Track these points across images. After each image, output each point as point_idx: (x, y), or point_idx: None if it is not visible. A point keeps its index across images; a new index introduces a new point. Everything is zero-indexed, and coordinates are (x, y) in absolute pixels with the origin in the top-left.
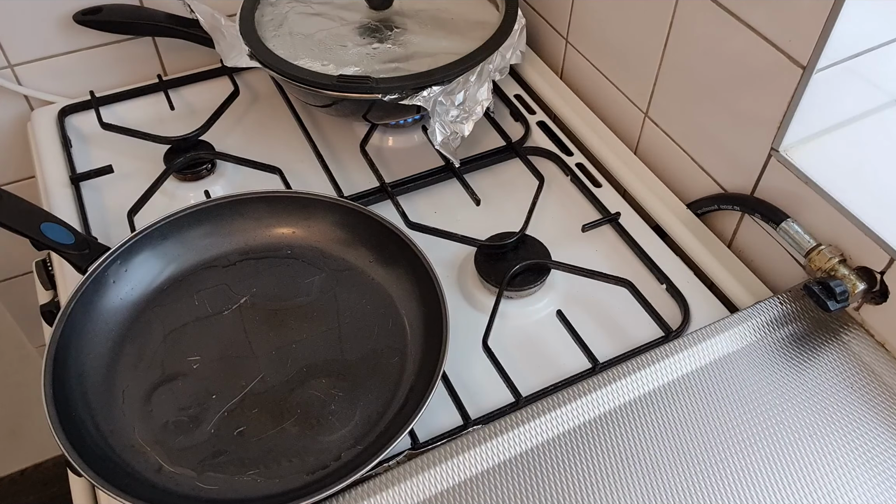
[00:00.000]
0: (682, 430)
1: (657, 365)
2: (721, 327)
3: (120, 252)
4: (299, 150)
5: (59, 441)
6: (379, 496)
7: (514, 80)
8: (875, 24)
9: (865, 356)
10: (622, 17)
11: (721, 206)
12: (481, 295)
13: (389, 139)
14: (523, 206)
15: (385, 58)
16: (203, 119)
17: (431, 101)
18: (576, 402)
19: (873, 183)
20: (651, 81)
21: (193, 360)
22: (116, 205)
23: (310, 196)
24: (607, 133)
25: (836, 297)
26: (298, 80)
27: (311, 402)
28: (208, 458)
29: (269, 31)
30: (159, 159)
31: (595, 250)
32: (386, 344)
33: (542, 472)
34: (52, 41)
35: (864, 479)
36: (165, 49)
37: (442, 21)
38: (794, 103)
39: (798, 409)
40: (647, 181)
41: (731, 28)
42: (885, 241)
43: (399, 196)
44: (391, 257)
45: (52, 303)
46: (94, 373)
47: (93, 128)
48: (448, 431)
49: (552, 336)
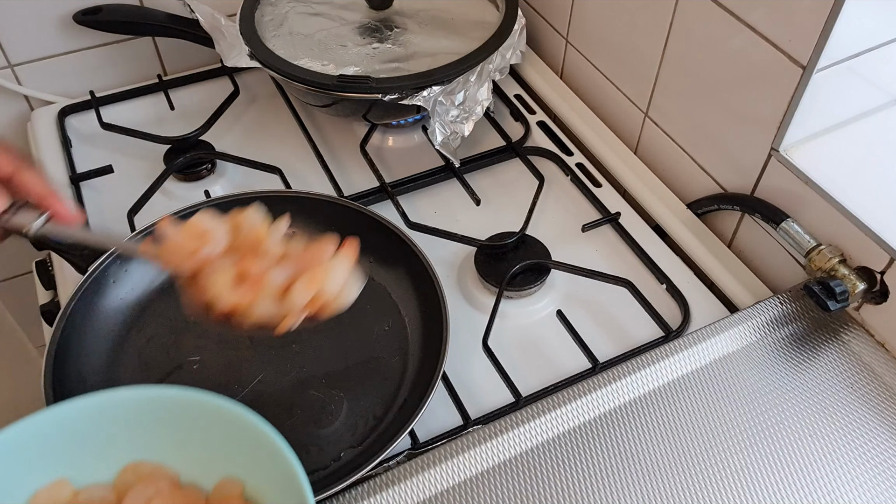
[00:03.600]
0: (682, 430)
1: (657, 365)
2: (721, 327)
3: (120, 252)
4: (299, 150)
5: None
6: (379, 496)
7: (514, 80)
8: (875, 24)
9: (865, 356)
10: (622, 17)
11: (721, 206)
12: (481, 295)
13: (389, 139)
14: (523, 206)
15: (385, 58)
16: (203, 119)
17: (431, 101)
18: (576, 402)
19: (873, 183)
20: (651, 81)
21: (193, 361)
22: (116, 205)
23: (310, 196)
24: (607, 133)
25: (836, 297)
26: (298, 80)
27: (310, 402)
28: None
29: (269, 31)
30: (159, 159)
31: (595, 250)
32: (386, 344)
33: (542, 472)
34: (52, 41)
35: (864, 479)
36: (165, 49)
37: (442, 21)
38: (794, 103)
39: (798, 409)
40: (647, 181)
41: (731, 28)
42: (885, 241)
43: (399, 196)
44: (391, 257)
45: (52, 303)
46: (94, 373)
47: (93, 128)
48: (448, 431)
49: (552, 336)
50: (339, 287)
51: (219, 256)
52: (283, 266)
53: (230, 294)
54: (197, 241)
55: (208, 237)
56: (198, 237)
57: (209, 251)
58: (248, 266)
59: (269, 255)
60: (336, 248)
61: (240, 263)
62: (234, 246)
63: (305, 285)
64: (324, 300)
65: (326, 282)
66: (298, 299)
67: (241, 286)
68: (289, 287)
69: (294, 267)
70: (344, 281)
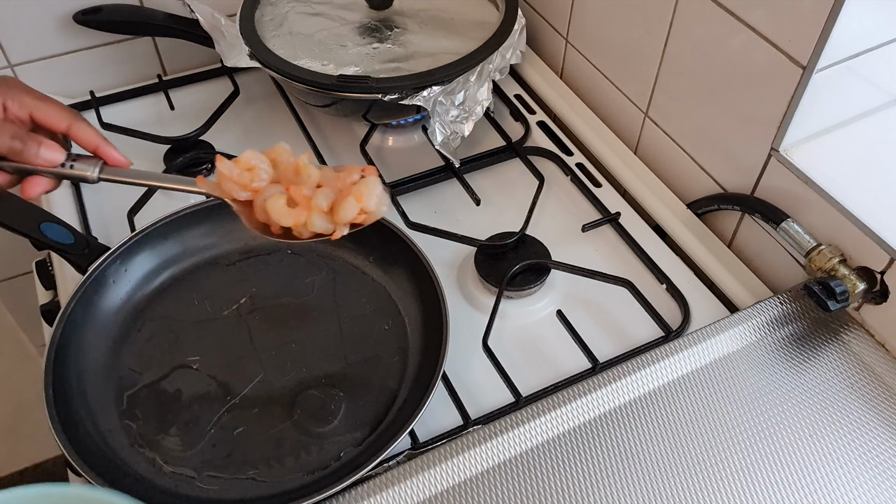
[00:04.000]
0: (682, 430)
1: (657, 365)
2: (721, 327)
3: (120, 252)
4: (299, 150)
5: (59, 441)
6: (379, 496)
7: (514, 80)
8: (875, 24)
9: (865, 356)
10: (622, 17)
11: (721, 206)
12: (481, 295)
13: (389, 139)
14: (523, 206)
15: (385, 58)
16: (203, 119)
17: (431, 101)
18: (576, 402)
19: (873, 183)
20: (651, 81)
21: (193, 360)
22: (116, 205)
23: None
24: (607, 133)
25: (837, 297)
26: (298, 79)
27: (310, 402)
28: (208, 459)
29: (269, 31)
30: (159, 159)
31: (595, 250)
32: (386, 344)
33: (542, 472)
34: (52, 41)
35: (864, 479)
36: (165, 49)
37: (442, 21)
38: (794, 103)
39: (798, 409)
40: (647, 181)
41: (731, 28)
42: (885, 241)
43: (399, 196)
44: (391, 257)
45: (52, 303)
46: (94, 373)
47: None
48: (448, 431)
49: (552, 336)
50: (376, 201)
51: (268, 185)
52: (323, 190)
53: (288, 216)
54: (249, 174)
55: (257, 170)
56: (248, 170)
57: (260, 182)
58: (296, 192)
59: (309, 182)
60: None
61: (288, 190)
62: (277, 177)
63: (353, 201)
64: (367, 212)
65: (366, 197)
66: (348, 213)
67: (294, 208)
68: (333, 206)
69: (333, 189)
70: (378, 196)
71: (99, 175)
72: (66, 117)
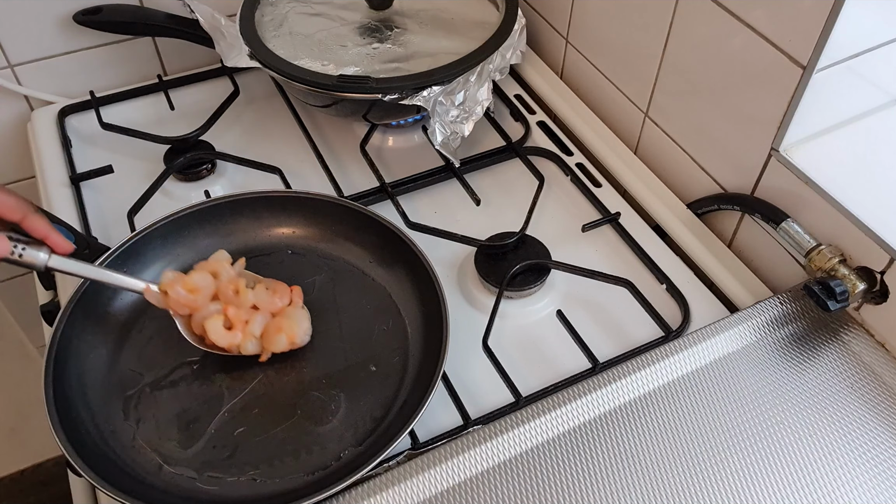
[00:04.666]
0: (682, 430)
1: (657, 365)
2: (721, 327)
3: (120, 252)
4: (299, 150)
5: (59, 441)
6: (379, 496)
7: (514, 80)
8: (875, 24)
9: (865, 356)
10: (622, 17)
11: (721, 206)
12: (481, 295)
13: (389, 139)
14: (523, 206)
15: (385, 58)
16: (203, 119)
17: (431, 101)
18: (576, 402)
19: (873, 182)
20: (651, 81)
21: (193, 361)
22: (116, 205)
23: (310, 196)
24: (607, 133)
25: (836, 297)
26: (298, 80)
27: (311, 402)
28: (208, 459)
29: (269, 31)
30: (159, 159)
31: (595, 250)
32: (386, 344)
33: (542, 472)
34: (52, 41)
35: (864, 479)
36: (165, 49)
37: (442, 21)
38: (794, 103)
39: (798, 409)
40: (647, 181)
41: (731, 28)
42: (885, 241)
43: (399, 196)
44: (391, 257)
45: (52, 303)
46: (94, 373)
47: (93, 128)
48: (448, 431)
49: (552, 336)
50: (302, 335)
51: (206, 302)
52: (258, 317)
53: (224, 338)
54: (192, 295)
55: (200, 293)
56: (191, 292)
57: (201, 301)
58: (234, 315)
59: (245, 304)
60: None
61: (226, 310)
62: (216, 290)
63: (283, 337)
64: (294, 344)
65: (296, 333)
66: (278, 346)
67: (231, 331)
68: (264, 332)
69: (266, 311)
70: (304, 330)
71: (47, 264)
72: (21, 209)
